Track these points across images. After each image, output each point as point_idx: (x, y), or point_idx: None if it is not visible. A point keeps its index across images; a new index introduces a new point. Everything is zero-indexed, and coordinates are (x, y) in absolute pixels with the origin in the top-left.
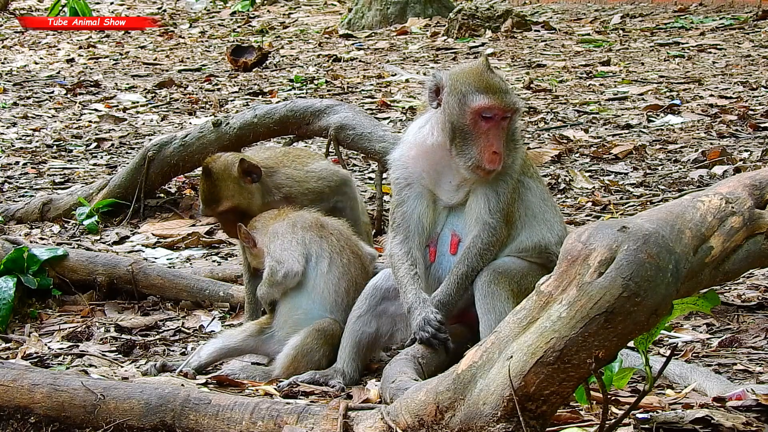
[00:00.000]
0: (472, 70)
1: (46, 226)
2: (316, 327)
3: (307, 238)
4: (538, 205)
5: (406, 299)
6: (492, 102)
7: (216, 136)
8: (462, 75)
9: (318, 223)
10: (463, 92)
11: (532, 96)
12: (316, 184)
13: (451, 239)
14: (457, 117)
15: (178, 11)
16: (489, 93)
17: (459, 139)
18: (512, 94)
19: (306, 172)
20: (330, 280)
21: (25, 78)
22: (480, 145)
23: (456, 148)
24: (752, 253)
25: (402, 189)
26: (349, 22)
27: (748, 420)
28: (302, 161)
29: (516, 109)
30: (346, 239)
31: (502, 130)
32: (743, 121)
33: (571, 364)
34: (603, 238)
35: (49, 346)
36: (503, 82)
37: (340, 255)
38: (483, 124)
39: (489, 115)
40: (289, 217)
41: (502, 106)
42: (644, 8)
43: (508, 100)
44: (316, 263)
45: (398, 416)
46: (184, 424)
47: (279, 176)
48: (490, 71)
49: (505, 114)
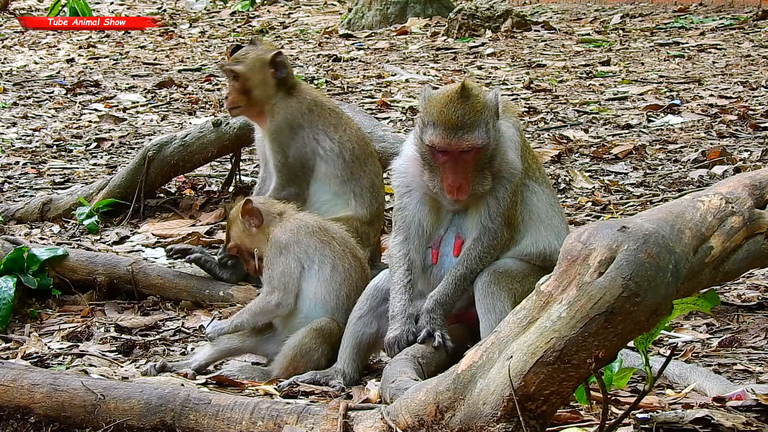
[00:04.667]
0: (441, 98)
1: (46, 226)
2: (314, 326)
3: (311, 245)
4: (544, 210)
5: (393, 306)
6: (440, 140)
7: (216, 136)
8: (432, 101)
9: (321, 227)
10: (424, 122)
11: (532, 96)
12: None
13: (454, 241)
14: (419, 145)
15: (178, 11)
16: (442, 128)
17: (426, 165)
18: (474, 130)
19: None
20: (332, 286)
21: (25, 78)
22: (440, 176)
23: (426, 172)
24: (752, 253)
25: (403, 195)
26: (349, 22)
27: (748, 420)
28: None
29: (475, 147)
30: (347, 243)
31: (463, 163)
32: (743, 121)
33: (571, 364)
34: (603, 238)
35: (49, 346)
36: (470, 114)
37: (342, 260)
38: (440, 156)
39: (441, 150)
40: (293, 220)
41: (451, 143)
42: (644, 8)
43: (459, 138)
44: (319, 270)
45: (398, 416)
46: (184, 424)
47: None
48: (460, 101)
49: (459, 150)
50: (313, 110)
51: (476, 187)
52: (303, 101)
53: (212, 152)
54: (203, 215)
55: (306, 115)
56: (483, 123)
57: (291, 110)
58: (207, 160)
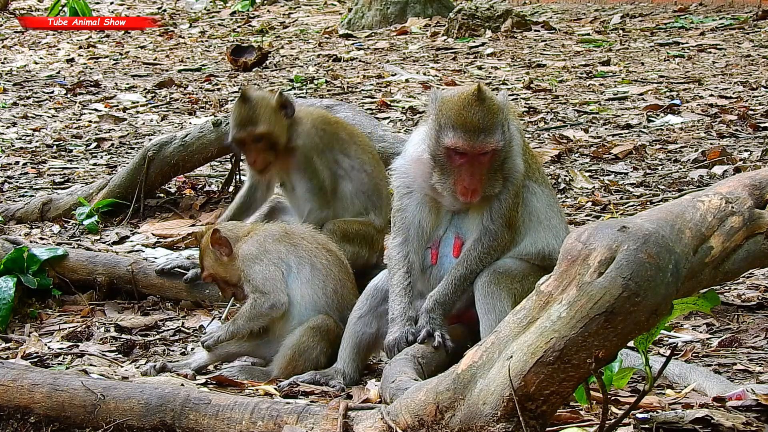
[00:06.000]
0: (458, 100)
1: (46, 226)
2: (310, 324)
3: (282, 251)
4: (543, 211)
5: (392, 309)
6: (462, 142)
7: (216, 135)
8: (447, 103)
9: (286, 232)
10: (441, 124)
11: (532, 96)
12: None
13: (454, 242)
14: (434, 148)
15: (178, 11)
16: (462, 131)
17: (438, 167)
18: (492, 132)
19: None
20: (316, 285)
21: (25, 78)
22: (454, 178)
23: (436, 174)
24: (752, 253)
25: (403, 196)
26: (349, 22)
27: (748, 420)
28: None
29: (493, 150)
30: (317, 239)
31: (479, 165)
32: (743, 121)
33: (571, 364)
34: (603, 238)
35: (49, 346)
36: (489, 116)
37: (318, 257)
38: (457, 159)
39: (461, 152)
40: (256, 234)
41: (474, 146)
42: (644, 8)
43: (481, 141)
44: (298, 273)
45: (398, 416)
46: (184, 424)
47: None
48: (477, 103)
49: (480, 153)
50: (325, 129)
51: (488, 189)
52: (313, 124)
53: (212, 152)
54: (203, 215)
55: (323, 137)
56: (500, 125)
57: (309, 138)
58: (207, 160)
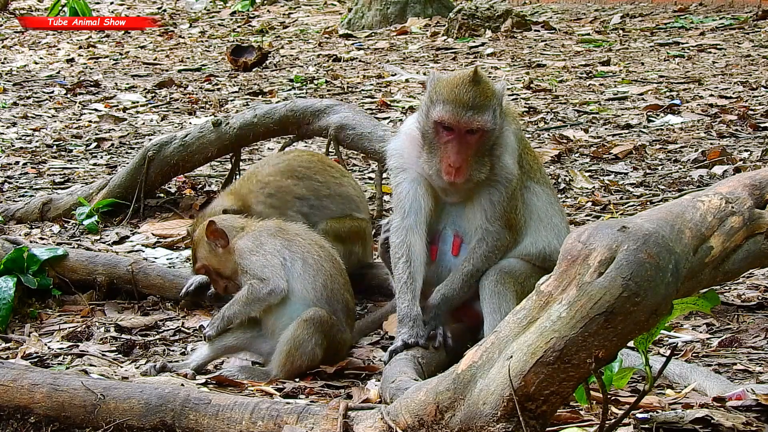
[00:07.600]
0: (453, 79)
1: (46, 226)
2: (303, 317)
3: (276, 245)
4: (544, 210)
5: (400, 307)
6: (449, 116)
7: (216, 135)
8: (442, 82)
9: (280, 228)
10: (432, 100)
11: (532, 96)
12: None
13: (453, 240)
14: (423, 123)
15: (178, 11)
16: (452, 105)
17: (426, 144)
18: (482, 112)
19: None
20: (306, 280)
21: (25, 78)
22: (440, 155)
23: (424, 152)
24: (752, 253)
25: (398, 174)
26: (349, 22)
27: (748, 420)
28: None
29: (480, 129)
30: (311, 235)
31: (465, 144)
32: (743, 121)
33: (571, 364)
34: (603, 238)
35: (49, 346)
36: (481, 97)
37: (311, 253)
38: (444, 135)
39: (448, 127)
40: (252, 230)
41: (460, 121)
42: (644, 8)
43: (469, 117)
44: (291, 267)
45: (398, 416)
46: (184, 424)
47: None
48: (472, 84)
49: (467, 129)
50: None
51: (473, 173)
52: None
53: (212, 152)
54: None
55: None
56: (491, 108)
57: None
58: (207, 160)
